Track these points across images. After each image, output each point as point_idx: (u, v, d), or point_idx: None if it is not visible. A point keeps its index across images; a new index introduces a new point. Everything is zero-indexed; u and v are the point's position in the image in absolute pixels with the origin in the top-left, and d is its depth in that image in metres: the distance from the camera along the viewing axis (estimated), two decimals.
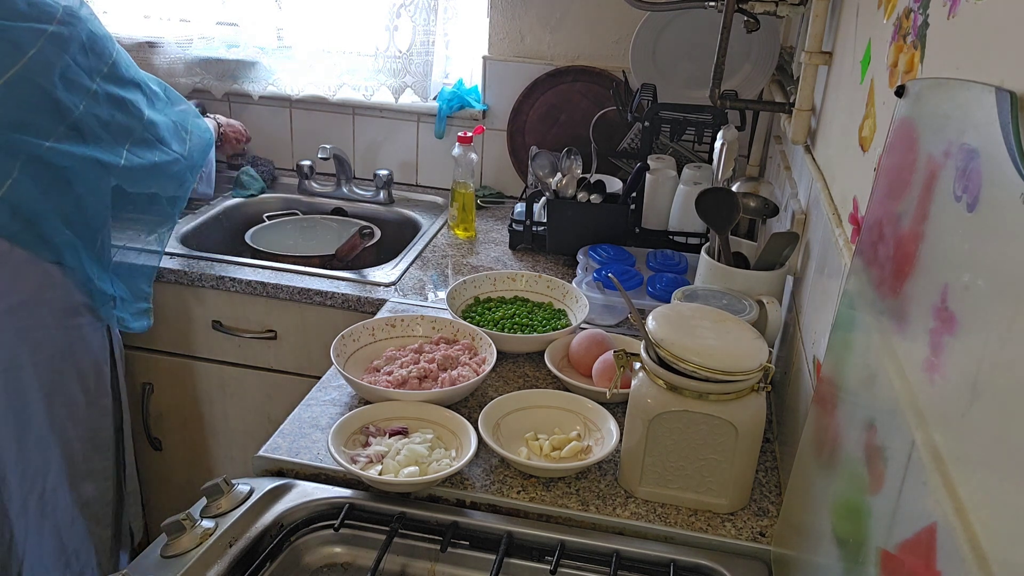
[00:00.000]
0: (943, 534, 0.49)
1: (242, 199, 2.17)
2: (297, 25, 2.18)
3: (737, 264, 1.34)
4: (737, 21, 1.40)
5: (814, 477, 0.82)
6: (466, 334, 1.36)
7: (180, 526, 0.93)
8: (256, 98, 2.25)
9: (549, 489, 1.08)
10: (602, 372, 1.28)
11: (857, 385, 0.74)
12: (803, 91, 1.31)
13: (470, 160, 1.95)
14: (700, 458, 1.03)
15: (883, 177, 0.76)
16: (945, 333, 0.55)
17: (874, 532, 0.61)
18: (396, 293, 1.69)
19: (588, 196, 1.75)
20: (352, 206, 2.18)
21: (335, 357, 1.26)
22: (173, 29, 2.21)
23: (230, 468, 1.92)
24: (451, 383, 1.22)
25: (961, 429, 0.51)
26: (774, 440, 1.22)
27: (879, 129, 0.92)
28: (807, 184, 1.31)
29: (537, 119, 2.15)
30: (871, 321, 0.72)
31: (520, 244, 1.89)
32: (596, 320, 1.52)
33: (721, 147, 1.49)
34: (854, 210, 0.98)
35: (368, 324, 1.36)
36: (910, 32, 0.84)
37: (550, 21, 2.09)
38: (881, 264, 0.71)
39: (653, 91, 1.77)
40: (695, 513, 1.05)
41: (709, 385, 0.98)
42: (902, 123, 0.73)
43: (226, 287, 1.73)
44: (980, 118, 0.54)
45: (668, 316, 1.05)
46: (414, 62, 2.11)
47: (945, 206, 0.58)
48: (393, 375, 1.24)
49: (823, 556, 0.74)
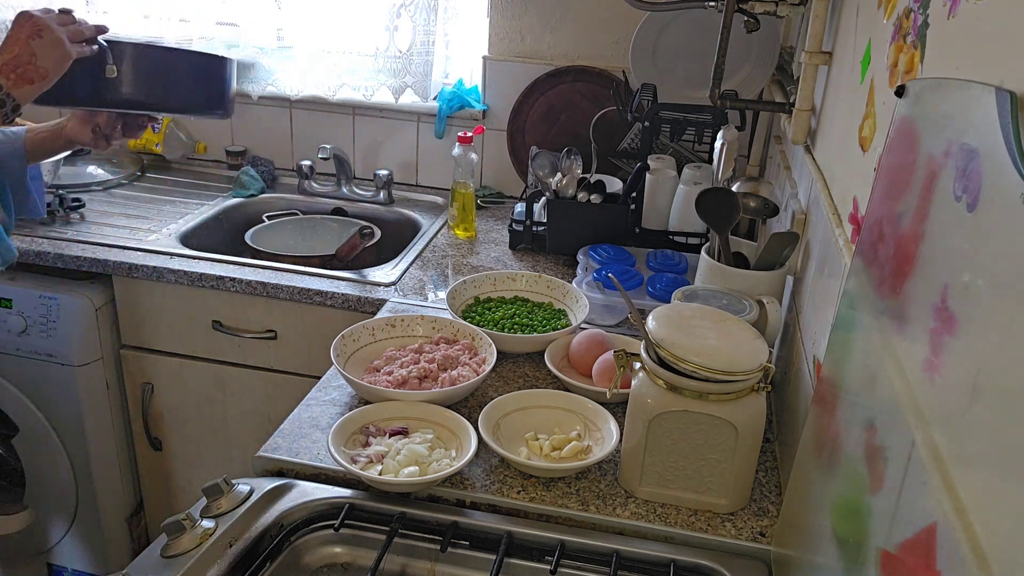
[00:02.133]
0: (943, 534, 0.49)
1: (242, 199, 2.17)
2: (297, 25, 2.18)
3: (737, 264, 1.34)
4: (737, 21, 1.40)
5: (814, 477, 0.82)
6: (466, 334, 1.36)
7: (180, 526, 0.93)
8: (256, 98, 2.25)
9: (549, 489, 1.08)
10: (602, 372, 1.28)
11: (857, 385, 0.74)
12: (803, 91, 1.31)
13: (470, 160, 1.95)
14: (700, 458, 1.03)
15: (883, 177, 0.76)
16: (945, 333, 0.55)
17: (874, 532, 0.61)
18: (396, 293, 1.69)
19: (588, 196, 1.75)
20: (352, 206, 2.18)
21: (335, 357, 1.26)
22: (173, 29, 2.21)
23: (230, 468, 1.92)
24: (451, 383, 1.22)
25: (961, 429, 0.51)
26: (774, 440, 1.22)
27: (879, 129, 0.92)
28: (807, 184, 1.31)
29: (537, 119, 2.15)
30: (871, 321, 0.72)
31: (520, 244, 1.89)
32: (596, 320, 1.52)
33: (721, 147, 1.49)
34: (854, 210, 0.98)
35: (368, 324, 1.36)
36: (910, 32, 0.84)
37: (550, 21, 2.09)
38: (881, 264, 0.71)
39: (653, 91, 1.77)
40: (695, 513, 1.05)
41: (709, 385, 0.98)
42: (902, 123, 0.73)
43: (226, 287, 1.73)
44: (980, 118, 0.54)
45: (668, 316, 1.05)
46: (414, 62, 2.11)
47: (945, 206, 0.58)
48: (393, 375, 1.24)
49: (823, 556, 0.74)
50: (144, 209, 2.05)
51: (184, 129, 2.36)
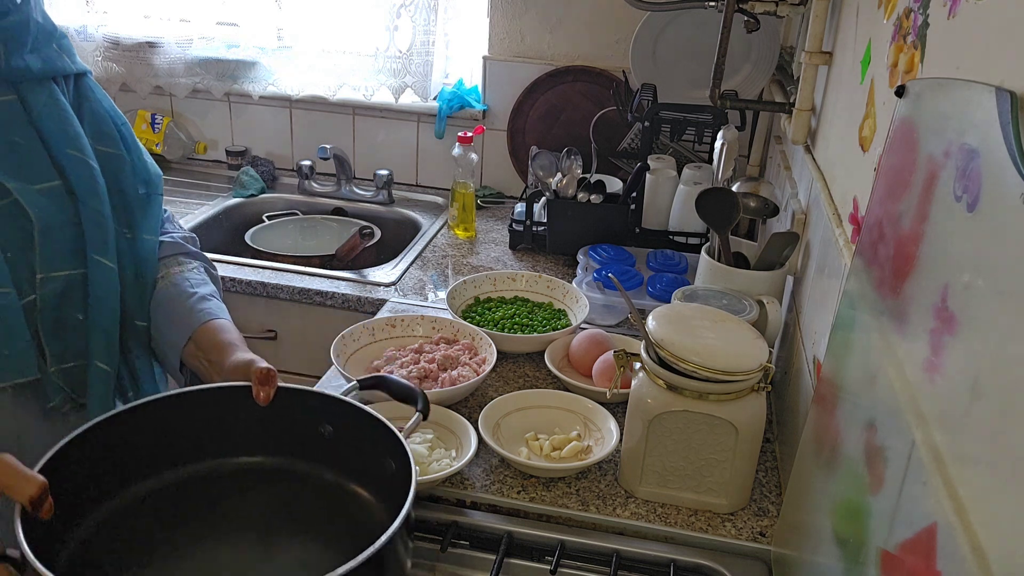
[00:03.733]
0: (943, 534, 0.49)
1: (242, 199, 2.17)
2: (297, 25, 2.18)
3: (737, 264, 1.34)
4: (737, 21, 1.40)
5: (814, 477, 0.82)
6: (466, 334, 1.36)
7: None
8: (256, 98, 2.25)
9: (549, 489, 1.08)
10: (602, 372, 1.28)
11: (857, 385, 0.74)
12: (803, 91, 1.31)
13: (470, 160, 1.95)
14: (700, 458, 1.03)
15: (883, 177, 0.76)
16: (945, 333, 0.55)
17: (874, 532, 0.61)
18: (396, 293, 1.69)
19: (588, 196, 1.75)
20: (352, 206, 2.18)
21: (335, 357, 1.26)
22: (173, 29, 2.21)
23: None
24: (451, 383, 1.22)
25: (961, 429, 0.51)
26: (774, 440, 1.22)
27: (879, 129, 0.92)
28: (807, 184, 1.31)
29: (537, 119, 2.15)
30: (871, 321, 0.72)
31: (520, 244, 1.89)
32: (596, 320, 1.52)
33: (721, 147, 1.49)
34: (854, 210, 0.98)
35: (368, 324, 1.36)
36: (910, 32, 0.84)
37: (550, 21, 2.09)
38: (881, 264, 0.71)
39: (653, 91, 1.77)
40: (695, 513, 1.05)
41: (709, 385, 0.98)
42: (902, 123, 0.73)
43: (226, 287, 1.73)
44: (980, 118, 0.54)
45: (668, 316, 1.05)
46: (414, 62, 2.11)
47: (945, 206, 0.58)
48: (393, 375, 1.24)
49: (823, 556, 0.74)
50: None
51: (184, 129, 2.36)
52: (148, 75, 2.24)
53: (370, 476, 0.85)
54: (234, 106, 2.33)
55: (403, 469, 0.79)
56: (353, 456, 0.86)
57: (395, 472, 0.81)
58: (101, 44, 2.23)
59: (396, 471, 0.81)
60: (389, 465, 0.82)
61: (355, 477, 0.87)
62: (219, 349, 0.98)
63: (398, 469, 0.81)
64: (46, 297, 0.94)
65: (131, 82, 2.27)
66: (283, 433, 0.88)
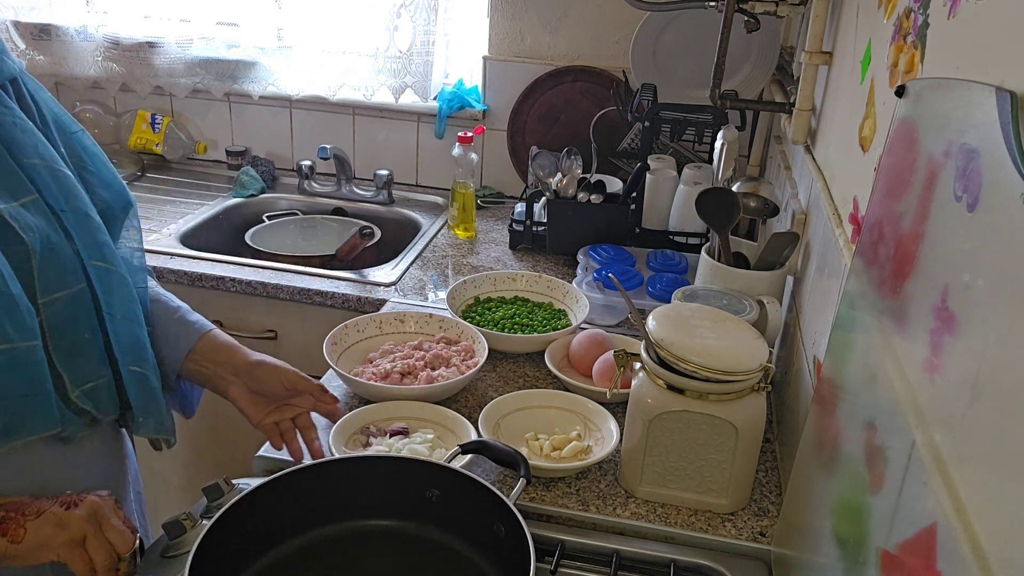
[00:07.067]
0: (943, 534, 0.49)
1: (242, 199, 2.17)
2: (297, 25, 2.18)
3: (737, 264, 1.34)
4: (737, 21, 1.40)
5: (814, 477, 0.82)
6: (467, 335, 1.36)
7: (180, 526, 0.93)
8: (256, 98, 2.25)
9: (549, 489, 1.08)
10: (602, 372, 1.28)
11: (857, 385, 0.74)
12: (803, 91, 1.31)
13: (470, 160, 1.95)
14: (700, 458, 1.03)
15: (883, 177, 0.76)
16: (945, 333, 0.55)
17: (874, 532, 0.61)
18: (396, 293, 1.69)
19: (588, 196, 1.75)
20: (352, 206, 2.18)
21: (327, 353, 1.29)
22: (173, 29, 2.21)
23: (230, 468, 1.91)
24: (428, 381, 1.23)
25: (961, 429, 0.51)
26: (774, 440, 1.22)
27: (879, 129, 0.92)
28: (807, 184, 1.31)
29: (537, 119, 2.15)
30: (871, 321, 0.72)
31: (520, 244, 1.89)
32: (596, 320, 1.52)
33: (721, 147, 1.49)
34: (854, 210, 0.98)
35: (375, 317, 1.39)
36: (910, 32, 0.84)
37: (550, 21, 2.09)
38: (881, 264, 0.71)
39: (653, 91, 1.77)
40: (695, 513, 1.05)
41: (709, 385, 0.98)
42: (902, 123, 0.73)
43: (226, 287, 1.73)
44: (980, 118, 0.54)
45: (668, 316, 1.05)
46: (414, 62, 2.11)
47: (945, 206, 0.58)
48: (379, 368, 1.26)
49: (823, 556, 0.74)
50: (144, 209, 2.05)
51: (184, 129, 2.36)
52: (148, 75, 2.24)
53: (477, 537, 0.90)
54: (234, 106, 2.33)
55: (514, 532, 0.83)
56: (464, 518, 0.91)
57: (504, 536, 0.85)
58: (101, 44, 2.23)
59: (506, 535, 0.85)
60: (499, 529, 0.86)
61: (466, 538, 0.91)
62: (223, 350, 1.07)
63: (508, 533, 0.85)
64: (54, 321, 0.86)
65: (131, 82, 2.27)
66: (403, 497, 0.93)
